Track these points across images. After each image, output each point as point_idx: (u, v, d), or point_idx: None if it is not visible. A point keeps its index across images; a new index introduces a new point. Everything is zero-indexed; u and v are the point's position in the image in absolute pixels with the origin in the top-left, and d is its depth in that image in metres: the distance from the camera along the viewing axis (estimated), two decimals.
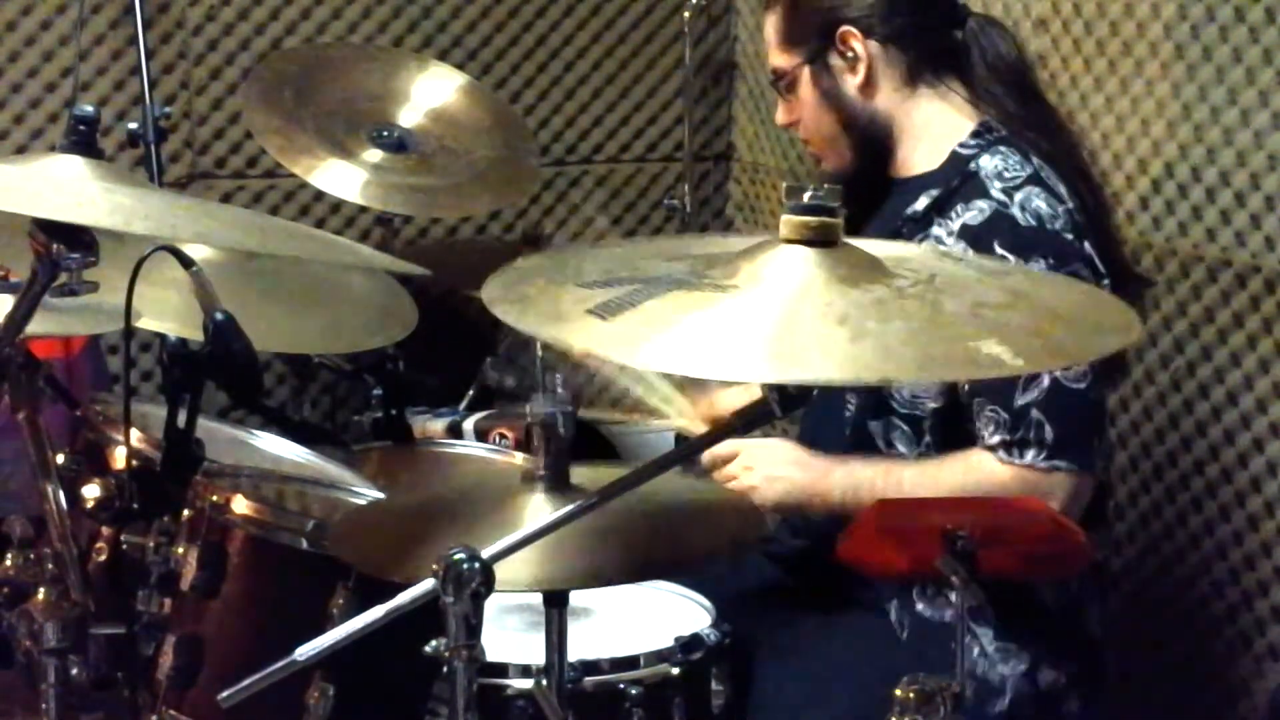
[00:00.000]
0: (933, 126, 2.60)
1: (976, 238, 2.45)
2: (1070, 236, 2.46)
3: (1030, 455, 2.42)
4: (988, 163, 2.51)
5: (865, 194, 2.68)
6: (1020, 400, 2.42)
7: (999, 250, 2.43)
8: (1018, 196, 2.47)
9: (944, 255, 2.39)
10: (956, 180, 2.52)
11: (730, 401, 2.89)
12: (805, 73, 2.62)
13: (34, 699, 2.13)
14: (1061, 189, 2.50)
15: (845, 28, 2.57)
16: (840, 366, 1.67)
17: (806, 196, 1.76)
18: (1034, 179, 2.49)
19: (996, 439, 2.44)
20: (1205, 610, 3.02)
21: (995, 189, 2.48)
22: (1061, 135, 2.62)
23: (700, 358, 1.69)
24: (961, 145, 2.56)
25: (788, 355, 1.68)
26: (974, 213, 2.48)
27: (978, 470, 2.45)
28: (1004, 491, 2.41)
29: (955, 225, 2.49)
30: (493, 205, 3.92)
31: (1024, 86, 2.63)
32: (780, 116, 2.72)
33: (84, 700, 2.20)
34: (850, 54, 2.58)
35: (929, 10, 2.64)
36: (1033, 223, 2.45)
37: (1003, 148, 2.53)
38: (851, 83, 2.59)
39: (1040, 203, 2.46)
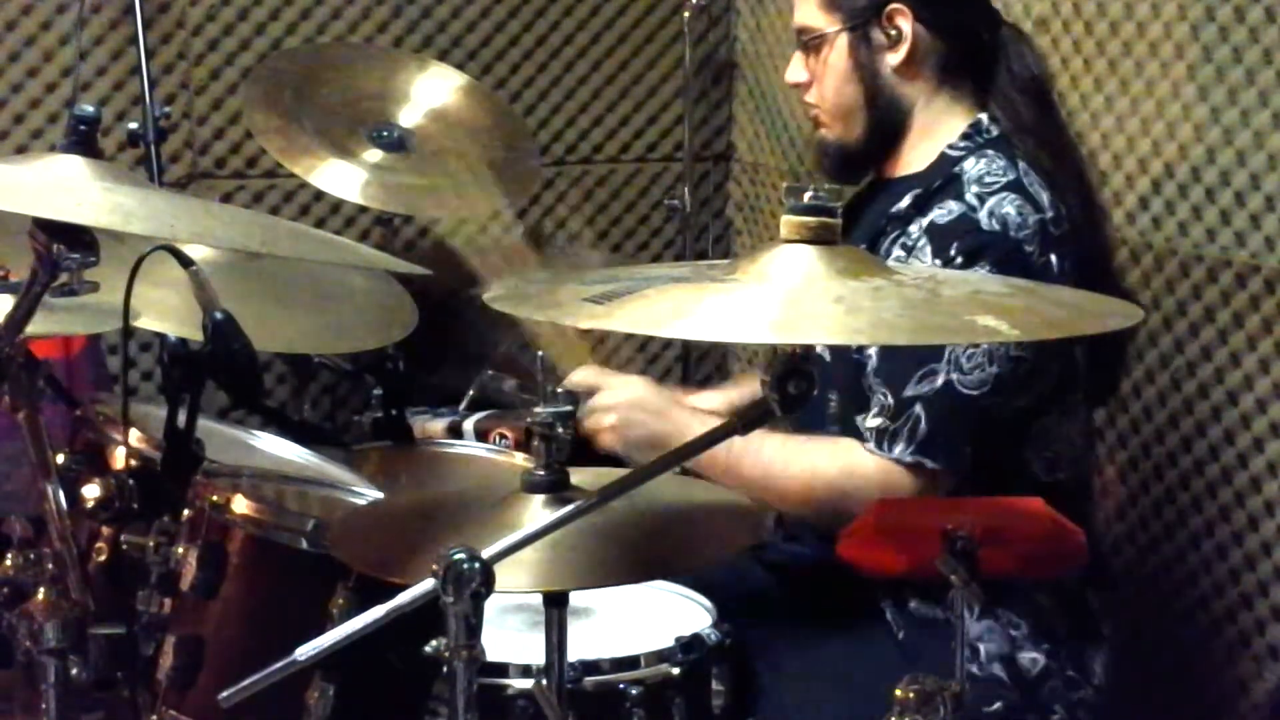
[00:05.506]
0: (936, 126, 2.60)
1: (938, 236, 2.47)
2: (1031, 248, 2.45)
3: (899, 449, 2.44)
4: (972, 166, 2.52)
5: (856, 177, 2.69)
6: (910, 391, 2.43)
7: (952, 253, 2.44)
8: (990, 202, 2.47)
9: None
10: (940, 180, 2.53)
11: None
12: (843, 39, 2.59)
13: (34, 699, 2.13)
14: (1044, 198, 2.49)
15: (896, 4, 2.56)
16: (835, 332, 1.71)
17: (806, 197, 1.77)
18: (1014, 185, 2.49)
19: (876, 422, 2.46)
20: (1205, 610, 3.02)
21: (971, 193, 2.48)
22: (1068, 153, 2.61)
23: (700, 323, 1.72)
24: (951, 146, 2.57)
25: (784, 323, 1.70)
26: (943, 212, 2.49)
27: (844, 453, 2.48)
28: (864, 479, 2.44)
29: (925, 221, 2.50)
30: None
31: (1041, 101, 2.62)
32: (792, 74, 2.68)
33: (84, 700, 2.19)
34: (895, 32, 2.57)
35: (973, 8, 2.64)
36: (996, 228, 2.45)
37: (990, 151, 2.53)
38: (890, 60, 2.58)
39: (1010, 209, 2.46)
